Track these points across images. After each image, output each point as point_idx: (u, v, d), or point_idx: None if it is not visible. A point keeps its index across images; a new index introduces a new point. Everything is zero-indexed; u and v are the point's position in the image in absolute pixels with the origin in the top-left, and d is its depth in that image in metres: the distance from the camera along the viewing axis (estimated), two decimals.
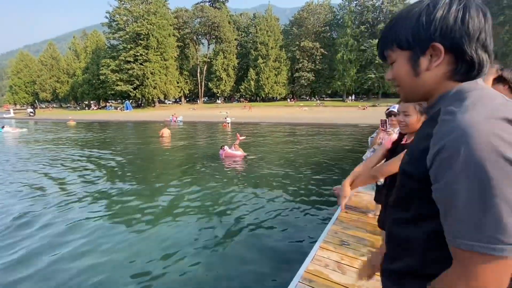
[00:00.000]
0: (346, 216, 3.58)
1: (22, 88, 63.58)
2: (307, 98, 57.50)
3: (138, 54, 45.65)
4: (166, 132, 15.98)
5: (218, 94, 56.70)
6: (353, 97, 52.15)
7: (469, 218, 0.47)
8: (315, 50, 51.63)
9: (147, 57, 46.14)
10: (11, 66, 64.86)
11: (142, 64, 46.29)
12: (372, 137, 3.35)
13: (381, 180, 3.27)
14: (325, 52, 51.25)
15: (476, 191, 0.46)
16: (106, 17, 48.12)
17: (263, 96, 53.30)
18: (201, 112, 40.27)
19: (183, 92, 57.16)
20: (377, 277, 2.33)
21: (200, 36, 59.25)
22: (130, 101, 50.27)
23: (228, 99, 61.62)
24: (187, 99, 65.40)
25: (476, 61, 0.57)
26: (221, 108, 44.77)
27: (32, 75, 62.83)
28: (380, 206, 3.56)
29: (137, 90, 47.82)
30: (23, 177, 7.57)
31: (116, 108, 52.49)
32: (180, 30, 54.87)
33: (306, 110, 39.24)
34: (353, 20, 47.91)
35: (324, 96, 58.31)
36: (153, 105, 51.17)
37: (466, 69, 0.58)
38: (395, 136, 1.75)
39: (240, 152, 9.54)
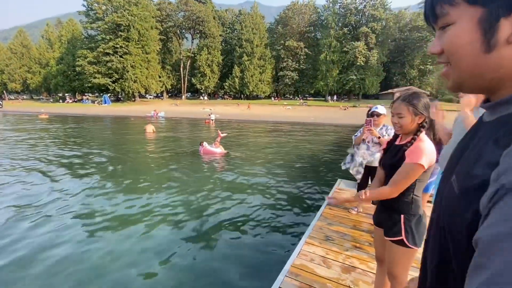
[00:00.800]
0: (330, 212, 3.68)
1: None
2: (291, 97, 58.11)
3: (118, 46, 43.82)
4: (149, 128, 15.62)
5: (202, 90, 55.89)
6: (335, 97, 53.39)
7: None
8: (299, 49, 52.25)
9: (127, 49, 44.42)
10: None
11: (122, 57, 44.51)
12: (356, 135, 3.46)
13: (359, 174, 3.38)
14: (309, 52, 52.02)
15: None
16: (84, 5, 45.66)
17: (248, 93, 53.23)
18: (184, 108, 39.52)
19: (165, 87, 55.78)
20: (359, 269, 2.42)
21: (184, 30, 57.97)
22: (109, 94, 48.27)
23: (212, 95, 60.94)
24: (170, 95, 63.87)
25: None
26: (206, 104, 44.20)
27: (0, 64, 58.54)
28: (362, 203, 3.70)
29: (116, 83, 45.95)
30: None
31: (93, 101, 50.14)
32: (163, 23, 53.37)
33: (290, 109, 39.70)
34: (337, 22, 48.93)
35: (307, 95, 59.20)
36: (133, 99, 49.50)
37: None
38: (390, 136, 1.84)
39: (219, 150, 9.43)
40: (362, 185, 3.61)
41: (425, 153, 1.37)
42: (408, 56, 50.91)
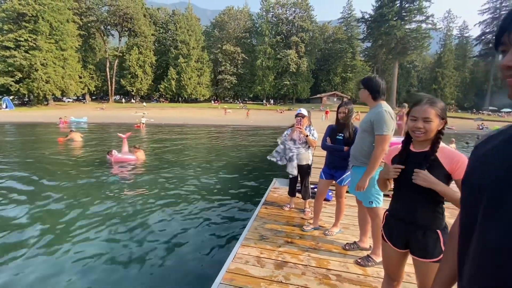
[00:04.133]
0: (265, 211, 3.77)
1: None
2: (231, 101, 58.56)
3: (22, 39, 36.69)
4: (76, 136, 13.08)
5: (133, 93, 51.33)
6: (272, 101, 56.09)
7: None
8: (236, 54, 53.17)
9: (35, 44, 37.54)
10: None
11: (28, 52, 37.37)
12: (284, 136, 3.65)
13: (294, 173, 3.57)
14: (246, 57, 53.45)
15: None
16: None
17: (186, 97, 51.37)
18: (112, 112, 35.61)
19: (88, 88, 49.21)
20: (290, 263, 2.51)
21: (109, 27, 52.40)
22: (11, 97, 39.96)
23: (147, 98, 56.68)
24: (94, 97, 56.71)
25: None
26: (138, 108, 40.72)
27: None
28: (293, 198, 3.90)
29: (21, 84, 38.31)
30: None
31: None
32: (82, 17, 47.07)
33: (230, 113, 39.89)
34: (270, 30, 51.68)
35: (246, 99, 60.60)
36: (45, 103, 42.00)
37: None
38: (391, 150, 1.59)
39: (133, 156, 8.56)
40: (293, 183, 3.82)
41: (466, 158, 1.26)
42: (332, 65, 57.24)
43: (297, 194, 3.97)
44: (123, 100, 52.81)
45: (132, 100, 51.90)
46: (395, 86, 52.10)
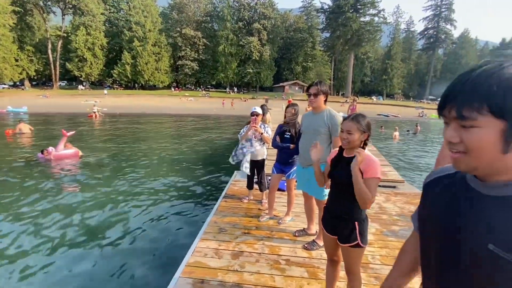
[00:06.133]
0: (225, 205, 3.97)
1: None
2: (192, 88, 56.64)
3: None
4: (24, 128, 11.71)
5: (82, 78, 46.57)
6: (235, 89, 55.59)
7: None
8: (197, 39, 51.09)
9: None
10: None
11: None
12: (241, 133, 3.83)
13: (247, 172, 3.80)
14: (208, 43, 51.68)
15: None
16: None
17: (143, 83, 48.27)
18: (58, 100, 32.10)
19: (27, 73, 43.36)
20: (246, 252, 2.76)
21: (49, 3, 46.08)
22: None
23: (98, 84, 51.98)
24: (34, 83, 50.28)
25: None
26: (88, 95, 37.25)
27: None
28: (251, 191, 4.15)
29: None
30: None
31: None
32: None
33: (192, 101, 38.73)
34: (232, 15, 50.42)
35: (209, 86, 59.12)
36: None
37: None
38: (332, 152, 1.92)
39: (72, 151, 7.99)
40: (251, 177, 4.06)
41: (379, 166, 1.62)
42: (293, 54, 58.32)
43: (255, 186, 4.23)
44: (82, 86, 46.92)
45: (81, 86, 47.08)
46: (351, 76, 55.38)
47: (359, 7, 49.05)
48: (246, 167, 3.83)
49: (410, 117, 30.96)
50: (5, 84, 44.56)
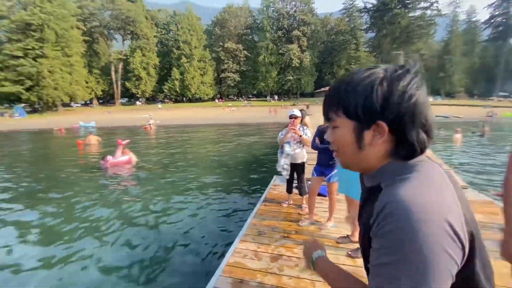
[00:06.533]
0: (264, 208, 3.96)
1: None
2: (235, 98, 58.73)
3: (29, 47, 37.62)
4: (93, 139, 13.58)
5: (138, 95, 52.11)
6: (276, 97, 55.95)
7: None
8: (238, 51, 53.13)
9: (42, 52, 38.44)
10: None
11: (35, 60, 38.33)
12: (280, 136, 3.81)
13: (286, 173, 3.73)
14: (248, 54, 53.35)
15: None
16: None
17: (190, 96, 51.82)
18: (119, 115, 36.35)
19: (95, 93, 50.24)
20: (285, 256, 2.70)
21: (112, 31, 53.12)
22: (23, 105, 41.13)
23: (151, 100, 57.44)
24: (101, 101, 57.83)
25: (418, 144, 0.56)
26: (142, 110, 41.34)
27: None
28: (291, 195, 4.07)
29: (30, 91, 39.37)
30: None
31: (2, 114, 42.09)
32: (86, 23, 47.87)
33: (235, 110, 40.11)
34: (271, 25, 51.38)
35: (250, 96, 60.64)
36: (55, 109, 43.11)
37: (409, 150, 0.57)
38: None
39: (126, 157, 8.65)
40: (290, 181, 3.99)
41: None
42: (335, 57, 56.56)
43: (295, 190, 4.14)
44: (139, 102, 52.70)
45: (138, 102, 52.67)
46: None
47: (407, 2, 45.58)
48: (284, 169, 3.77)
49: (475, 118, 27.13)
50: (78, 103, 52.38)
